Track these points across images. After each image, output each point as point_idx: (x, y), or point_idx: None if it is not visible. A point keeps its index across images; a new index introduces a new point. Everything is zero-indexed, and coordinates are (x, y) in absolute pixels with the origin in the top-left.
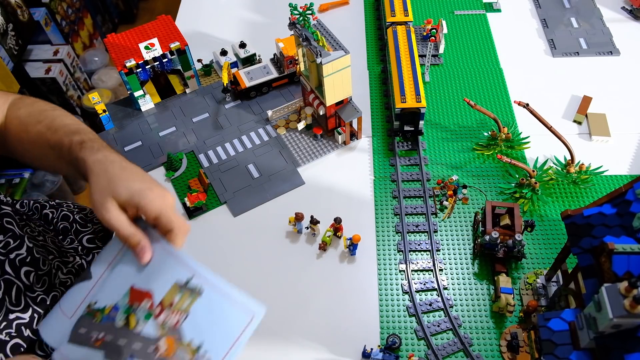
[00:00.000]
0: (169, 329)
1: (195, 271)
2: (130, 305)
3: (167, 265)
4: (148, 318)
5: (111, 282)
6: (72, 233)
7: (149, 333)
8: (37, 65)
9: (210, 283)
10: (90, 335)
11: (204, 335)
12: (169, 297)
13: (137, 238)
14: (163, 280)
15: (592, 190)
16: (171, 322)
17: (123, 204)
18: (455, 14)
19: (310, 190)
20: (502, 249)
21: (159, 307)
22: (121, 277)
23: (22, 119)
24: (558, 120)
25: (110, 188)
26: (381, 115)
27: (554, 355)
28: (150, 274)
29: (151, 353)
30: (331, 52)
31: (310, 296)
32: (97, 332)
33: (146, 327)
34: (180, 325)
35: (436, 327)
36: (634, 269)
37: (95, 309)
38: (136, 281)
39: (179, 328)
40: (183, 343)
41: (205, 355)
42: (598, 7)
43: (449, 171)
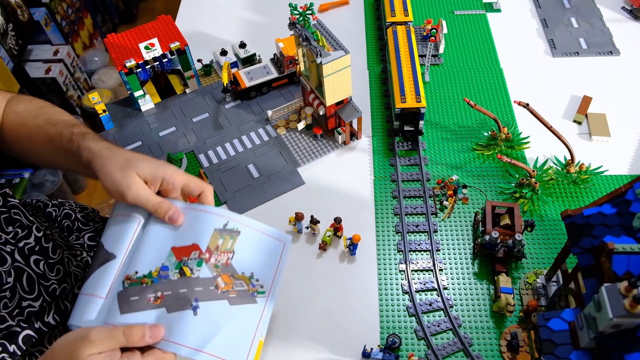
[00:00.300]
0: (222, 268)
1: (229, 217)
2: (180, 260)
3: (200, 219)
4: (200, 265)
5: (145, 252)
6: (75, 230)
7: (205, 275)
8: (37, 65)
9: (244, 223)
10: (147, 297)
11: (252, 266)
12: (213, 242)
13: (167, 204)
14: (202, 232)
15: (592, 190)
16: (222, 262)
17: (146, 178)
18: (455, 14)
19: (310, 190)
20: (502, 249)
21: (207, 253)
22: (154, 243)
23: (20, 113)
24: (558, 120)
25: (131, 164)
26: (381, 115)
27: (554, 355)
28: (186, 231)
29: (213, 290)
30: (331, 52)
31: (310, 296)
32: (152, 293)
33: (202, 272)
34: (230, 262)
35: (436, 327)
36: (634, 269)
37: (139, 277)
38: (174, 242)
39: (230, 265)
40: (237, 275)
41: (258, 281)
42: (598, 7)
43: (449, 171)
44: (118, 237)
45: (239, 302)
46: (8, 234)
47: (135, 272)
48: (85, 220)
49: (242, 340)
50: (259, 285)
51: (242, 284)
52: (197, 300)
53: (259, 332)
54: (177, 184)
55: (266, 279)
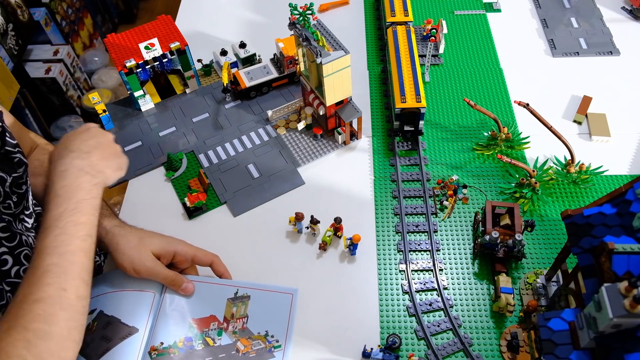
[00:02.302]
0: (239, 332)
1: (237, 284)
2: (201, 332)
3: (213, 291)
4: (220, 334)
5: (167, 323)
6: None
7: (226, 342)
8: (37, 65)
9: (252, 287)
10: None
11: (265, 324)
12: (228, 311)
13: (181, 277)
14: (217, 303)
15: (592, 190)
16: (239, 327)
17: (160, 253)
18: (455, 14)
19: (310, 190)
20: (502, 249)
21: (224, 322)
22: (174, 315)
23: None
24: (558, 120)
25: (145, 242)
26: (381, 115)
27: (554, 355)
28: (202, 303)
29: (235, 354)
30: (331, 52)
31: (310, 296)
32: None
33: (223, 340)
34: (246, 325)
35: (436, 327)
36: (634, 269)
37: (165, 347)
38: (192, 314)
39: (246, 329)
40: (253, 337)
41: (273, 337)
42: (598, 7)
43: (449, 171)
44: (136, 311)
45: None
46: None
47: (161, 343)
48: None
49: None
50: (274, 341)
51: (260, 343)
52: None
53: None
54: (189, 256)
55: (280, 332)
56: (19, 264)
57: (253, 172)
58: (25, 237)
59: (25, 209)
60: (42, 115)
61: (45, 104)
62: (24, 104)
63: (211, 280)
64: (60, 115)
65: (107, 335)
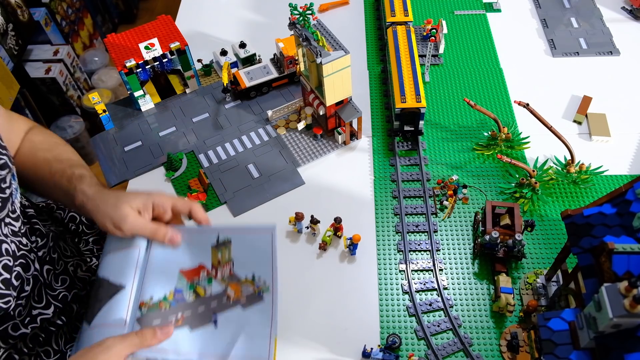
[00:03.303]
0: (228, 279)
1: (217, 229)
2: (191, 282)
3: (197, 241)
4: (210, 282)
5: (154, 277)
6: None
7: (217, 291)
8: (37, 65)
9: (230, 230)
10: (169, 320)
11: (251, 267)
12: (214, 258)
13: (164, 228)
14: (202, 252)
15: (592, 190)
16: (226, 273)
17: (138, 207)
18: (455, 14)
19: (310, 190)
20: (502, 249)
21: (213, 270)
22: (161, 268)
23: (35, 143)
24: (558, 120)
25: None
26: (381, 115)
27: (554, 355)
28: (188, 254)
29: (226, 302)
30: (331, 52)
31: (310, 296)
32: (173, 315)
33: (213, 288)
34: (233, 271)
35: (436, 327)
36: (633, 269)
37: (155, 302)
38: (180, 265)
39: (233, 274)
40: (242, 281)
41: (260, 279)
42: (598, 7)
43: (449, 171)
44: (122, 268)
45: (249, 304)
46: (32, 242)
47: (150, 297)
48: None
49: (261, 341)
50: (262, 283)
51: (248, 287)
52: (215, 314)
53: (273, 328)
54: (167, 206)
55: (266, 274)
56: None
57: (253, 172)
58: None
59: (11, 212)
60: (42, 115)
61: (45, 104)
62: (24, 104)
63: (193, 228)
64: (60, 115)
65: (99, 296)
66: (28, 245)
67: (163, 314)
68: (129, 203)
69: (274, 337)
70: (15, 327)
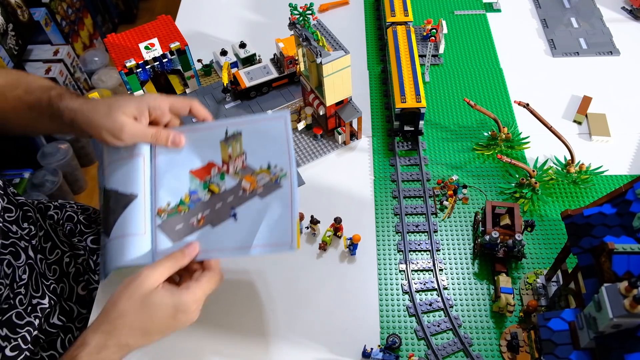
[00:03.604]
0: (241, 171)
1: (225, 124)
2: (204, 182)
3: (203, 138)
4: (223, 178)
5: (166, 183)
6: (78, 233)
7: (231, 185)
8: (37, 65)
9: (241, 123)
10: (190, 222)
11: (265, 156)
12: (225, 153)
13: (165, 131)
14: (210, 149)
15: (592, 190)
16: (239, 166)
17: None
18: (455, 14)
19: (310, 190)
20: (502, 249)
21: (224, 166)
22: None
23: None
24: (558, 120)
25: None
26: (381, 115)
27: (554, 355)
28: (195, 153)
29: (243, 195)
30: (331, 52)
31: (310, 296)
32: (193, 217)
33: (227, 184)
34: (246, 163)
35: (436, 327)
36: (634, 269)
37: (173, 207)
38: (189, 166)
39: (247, 166)
40: (256, 172)
41: (277, 167)
42: (598, 7)
43: (449, 171)
44: (130, 178)
45: (267, 193)
46: (23, 229)
47: (167, 203)
48: (88, 222)
49: (283, 224)
50: (278, 170)
51: (264, 176)
52: (233, 208)
53: (295, 212)
54: (164, 107)
55: (282, 160)
56: None
57: None
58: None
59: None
60: None
61: None
62: None
63: (197, 126)
64: None
65: (111, 208)
66: (18, 232)
67: (183, 217)
68: (123, 110)
69: (296, 220)
70: (20, 316)
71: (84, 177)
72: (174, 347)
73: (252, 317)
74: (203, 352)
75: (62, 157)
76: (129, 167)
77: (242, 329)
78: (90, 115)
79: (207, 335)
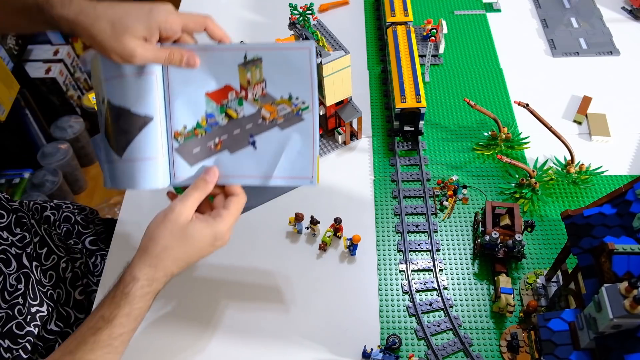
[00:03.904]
0: (261, 99)
1: (244, 47)
2: (220, 105)
3: (220, 59)
4: (241, 104)
5: (182, 105)
6: (75, 235)
7: (250, 112)
8: (37, 65)
9: (261, 48)
10: (207, 146)
11: (287, 87)
12: (243, 78)
13: (178, 51)
14: (228, 71)
15: (592, 190)
16: (258, 94)
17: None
18: (455, 14)
19: (310, 190)
20: (502, 249)
21: (242, 91)
22: (187, 94)
23: None
24: (558, 120)
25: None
26: (381, 115)
27: (554, 356)
28: (212, 75)
29: (262, 123)
30: (331, 52)
31: (310, 296)
32: (210, 141)
33: (245, 110)
34: (266, 91)
35: (436, 327)
36: (634, 269)
37: (190, 130)
38: (205, 88)
39: (267, 95)
40: (277, 101)
41: (298, 98)
42: (598, 7)
43: (449, 171)
44: (143, 98)
45: (288, 125)
46: (15, 235)
47: (184, 126)
48: (85, 223)
49: (304, 157)
50: (300, 102)
51: (285, 107)
52: (252, 136)
53: (316, 147)
54: (176, 28)
55: (305, 93)
56: None
57: None
58: None
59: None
60: (42, 115)
61: (45, 104)
62: (24, 104)
63: (213, 47)
64: (60, 115)
65: (123, 127)
66: (9, 239)
67: (200, 140)
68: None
69: (317, 156)
70: (20, 326)
71: (84, 177)
72: (174, 347)
73: (252, 317)
74: (203, 351)
75: (62, 157)
76: (141, 86)
77: (242, 329)
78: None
79: (207, 335)
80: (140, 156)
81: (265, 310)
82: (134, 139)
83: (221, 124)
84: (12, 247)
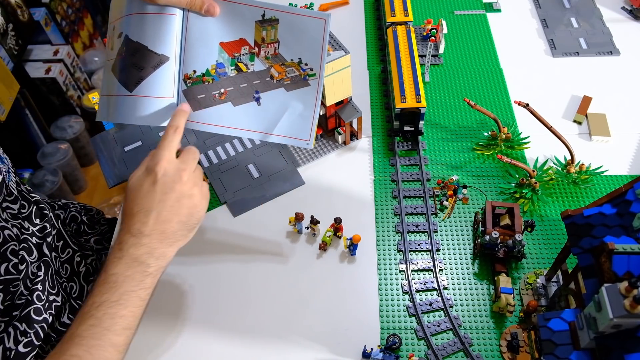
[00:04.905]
0: (272, 59)
1: (263, 5)
2: (232, 57)
3: (238, 13)
4: (252, 59)
5: (196, 50)
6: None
7: (259, 68)
8: (37, 65)
9: (279, 9)
10: (212, 94)
11: (298, 52)
12: (258, 35)
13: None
14: (244, 26)
15: (592, 190)
16: (271, 53)
17: None
18: (455, 14)
19: (310, 190)
20: (502, 249)
21: (255, 47)
22: (202, 40)
23: None
24: (558, 120)
25: None
26: (381, 115)
27: (554, 355)
28: (229, 26)
29: (269, 81)
30: (331, 52)
31: (310, 296)
32: (216, 90)
33: (255, 66)
34: (278, 51)
35: (436, 327)
36: (634, 269)
37: (199, 75)
38: (220, 37)
39: (278, 55)
40: (287, 63)
41: (307, 65)
42: (598, 7)
43: (449, 171)
44: (162, 37)
45: (294, 88)
46: (35, 225)
47: (194, 71)
48: (91, 223)
49: (304, 121)
50: (308, 69)
51: (293, 70)
52: (257, 92)
53: (317, 113)
54: None
55: (314, 61)
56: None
57: (253, 172)
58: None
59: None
60: (42, 115)
61: (45, 104)
62: (24, 104)
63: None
64: (60, 115)
65: (137, 63)
66: (30, 229)
67: (206, 88)
68: None
69: (316, 121)
70: (38, 312)
71: (84, 177)
72: (174, 347)
73: (252, 317)
74: (203, 352)
75: (62, 157)
76: (161, 25)
77: (242, 329)
78: None
79: (207, 335)
80: (152, 93)
81: (265, 310)
82: (148, 76)
83: (229, 75)
84: (33, 237)
